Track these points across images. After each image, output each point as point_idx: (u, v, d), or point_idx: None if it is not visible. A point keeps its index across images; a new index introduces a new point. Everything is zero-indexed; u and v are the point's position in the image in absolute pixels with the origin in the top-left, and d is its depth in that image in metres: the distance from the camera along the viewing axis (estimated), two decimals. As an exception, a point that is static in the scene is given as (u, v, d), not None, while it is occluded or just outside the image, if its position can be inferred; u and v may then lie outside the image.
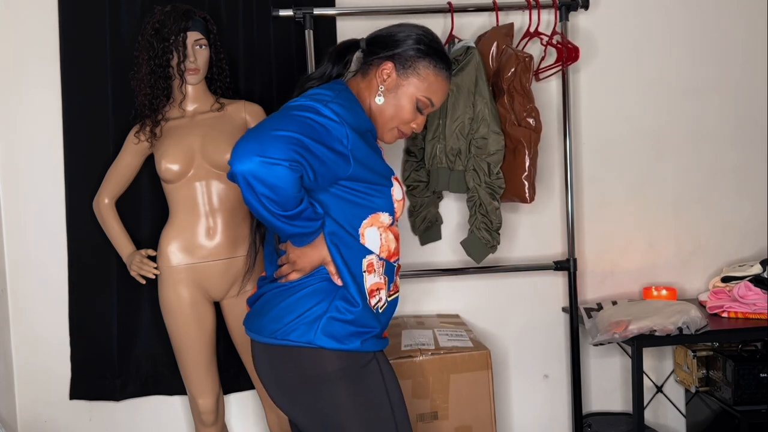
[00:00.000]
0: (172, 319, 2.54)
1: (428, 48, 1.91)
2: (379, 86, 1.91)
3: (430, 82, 1.91)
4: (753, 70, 3.07)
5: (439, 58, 1.92)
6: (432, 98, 1.93)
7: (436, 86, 1.92)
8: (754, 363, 2.78)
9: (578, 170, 3.01)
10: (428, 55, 1.90)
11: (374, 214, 1.89)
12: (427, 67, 1.90)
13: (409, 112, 1.92)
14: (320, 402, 1.85)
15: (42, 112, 2.82)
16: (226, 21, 2.79)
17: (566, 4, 2.82)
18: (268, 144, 1.69)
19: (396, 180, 1.95)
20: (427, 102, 1.92)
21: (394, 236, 1.95)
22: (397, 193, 1.94)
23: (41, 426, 2.90)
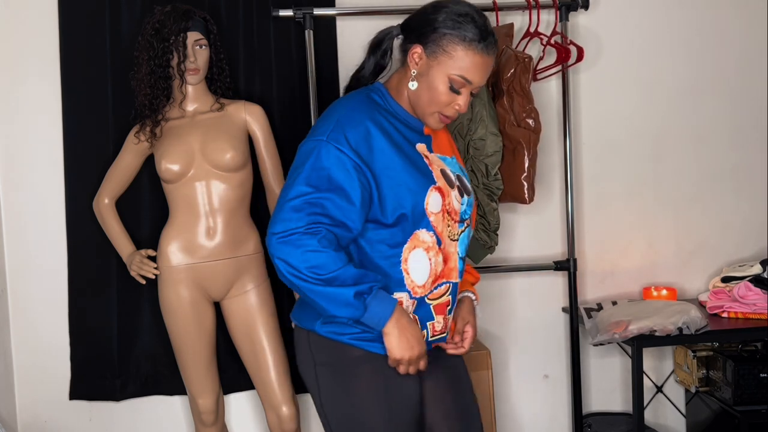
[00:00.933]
0: (172, 319, 2.54)
1: (454, 22, 1.76)
2: (411, 71, 1.82)
3: (459, 57, 1.76)
4: (752, 70, 3.07)
5: (467, 30, 1.76)
6: (465, 75, 1.77)
7: (466, 61, 1.76)
8: (754, 363, 2.78)
9: (578, 170, 3.01)
10: (455, 29, 1.76)
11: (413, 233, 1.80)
12: (456, 43, 1.76)
13: (443, 93, 1.79)
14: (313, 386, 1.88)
15: (42, 112, 2.82)
16: (226, 21, 2.79)
17: (566, 4, 2.82)
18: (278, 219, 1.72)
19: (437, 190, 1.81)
20: (460, 80, 1.78)
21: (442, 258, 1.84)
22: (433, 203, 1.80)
23: (41, 426, 2.90)
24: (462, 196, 1.88)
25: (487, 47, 1.78)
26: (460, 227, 1.88)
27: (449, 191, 1.84)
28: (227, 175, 2.51)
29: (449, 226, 1.84)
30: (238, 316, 2.57)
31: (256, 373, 2.58)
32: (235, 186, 2.53)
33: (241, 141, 2.55)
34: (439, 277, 1.84)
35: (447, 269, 1.86)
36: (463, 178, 1.92)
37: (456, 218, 1.86)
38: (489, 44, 1.78)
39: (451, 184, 1.86)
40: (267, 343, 2.55)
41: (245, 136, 2.58)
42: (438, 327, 1.88)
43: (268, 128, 2.62)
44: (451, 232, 1.85)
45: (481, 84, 1.81)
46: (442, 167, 1.87)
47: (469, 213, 1.91)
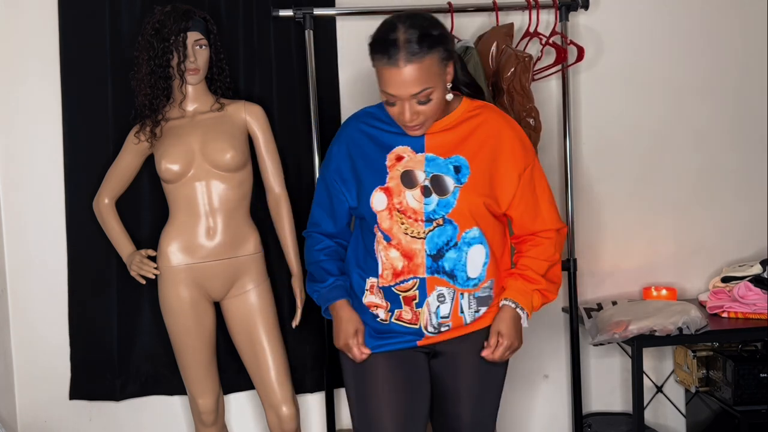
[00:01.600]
0: (172, 319, 2.54)
1: (370, 46, 1.89)
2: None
3: (379, 75, 1.87)
4: (753, 70, 3.07)
5: (375, 49, 1.86)
6: (385, 90, 1.87)
7: (384, 77, 1.86)
8: (754, 363, 2.78)
9: (578, 170, 3.01)
10: (371, 52, 1.88)
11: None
12: (375, 63, 1.88)
13: (388, 107, 1.91)
14: None
15: (42, 112, 2.82)
16: (226, 21, 2.79)
17: (566, 4, 2.82)
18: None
19: (383, 190, 1.96)
20: (385, 94, 1.88)
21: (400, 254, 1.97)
22: (377, 202, 1.97)
23: (41, 426, 2.90)
24: (427, 196, 1.94)
25: (392, 61, 1.82)
26: (427, 226, 1.94)
27: (402, 191, 1.95)
28: (227, 175, 2.51)
29: (403, 224, 1.95)
30: (238, 316, 2.57)
31: (256, 373, 2.58)
32: (235, 186, 2.53)
33: (241, 141, 2.55)
34: (402, 273, 1.97)
35: (412, 266, 1.96)
36: (441, 178, 1.95)
37: (416, 217, 1.94)
38: (394, 58, 1.82)
39: (410, 184, 1.95)
40: (267, 343, 2.55)
41: (245, 136, 2.58)
42: (405, 316, 2.01)
43: (268, 128, 2.62)
44: (410, 230, 1.95)
45: (403, 95, 1.85)
46: (410, 168, 1.96)
47: (441, 213, 1.95)
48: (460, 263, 1.97)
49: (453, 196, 1.95)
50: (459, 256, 1.96)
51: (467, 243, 1.97)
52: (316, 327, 2.84)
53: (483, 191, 1.97)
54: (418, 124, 1.91)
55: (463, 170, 1.96)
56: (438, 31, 1.88)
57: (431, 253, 1.95)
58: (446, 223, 1.95)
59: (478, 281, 2.00)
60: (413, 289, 1.98)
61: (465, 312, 2.01)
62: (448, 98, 1.94)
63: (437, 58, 1.84)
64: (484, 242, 1.99)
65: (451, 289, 1.98)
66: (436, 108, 1.90)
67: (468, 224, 1.96)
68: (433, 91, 1.86)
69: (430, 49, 1.83)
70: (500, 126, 2.01)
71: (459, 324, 2.02)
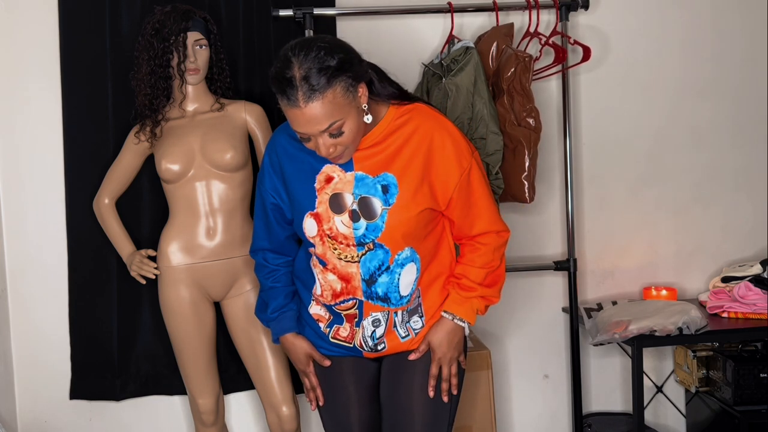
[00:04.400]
0: (172, 319, 2.54)
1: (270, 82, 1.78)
2: None
3: (285, 113, 1.78)
4: (753, 70, 3.07)
5: (274, 88, 1.76)
6: (295, 129, 1.78)
7: (289, 117, 1.77)
8: (754, 363, 2.78)
9: (578, 170, 3.01)
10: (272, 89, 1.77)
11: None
12: (278, 102, 1.77)
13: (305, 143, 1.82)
14: None
15: (42, 113, 2.82)
16: (226, 21, 2.79)
17: (566, 4, 2.82)
18: None
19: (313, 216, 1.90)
20: (297, 133, 1.79)
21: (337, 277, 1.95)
22: (309, 228, 1.93)
23: (41, 426, 2.90)
24: (356, 221, 1.88)
25: (292, 102, 1.72)
26: (359, 250, 1.90)
27: (330, 217, 1.89)
28: (227, 175, 2.52)
29: (336, 249, 1.92)
30: (238, 316, 2.57)
31: (256, 372, 2.58)
32: (235, 186, 2.53)
33: (241, 141, 2.55)
34: (341, 294, 1.97)
35: (350, 287, 1.95)
36: (368, 201, 1.88)
37: (347, 242, 1.90)
38: (294, 98, 1.71)
39: (338, 209, 1.89)
40: (267, 343, 2.55)
41: (245, 136, 2.59)
42: (343, 333, 2.02)
43: (268, 128, 2.62)
44: (343, 254, 1.92)
45: (312, 132, 1.76)
46: (338, 191, 1.89)
47: (371, 237, 1.88)
48: (393, 285, 1.94)
49: (381, 220, 1.87)
50: (391, 279, 1.93)
51: (400, 265, 1.92)
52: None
53: (416, 203, 1.88)
54: (337, 155, 1.82)
55: (391, 190, 1.87)
56: (336, 59, 1.73)
57: (365, 278, 1.93)
58: (377, 248, 1.90)
59: (409, 297, 1.97)
60: (353, 308, 1.97)
61: (398, 327, 2.00)
62: (366, 120, 1.84)
63: (340, 89, 1.73)
64: (416, 259, 1.94)
65: (386, 312, 1.97)
66: (352, 136, 1.80)
67: (399, 246, 1.91)
68: (344, 122, 1.76)
69: (330, 82, 1.71)
70: (431, 131, 1.89)
71: (395, 340, 2.01)
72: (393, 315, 1.98)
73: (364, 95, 1.81)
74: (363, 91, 1.81)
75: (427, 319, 2.01)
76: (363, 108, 1.83)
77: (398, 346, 2.02)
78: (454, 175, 1.90)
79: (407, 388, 2.00)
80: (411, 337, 2.01)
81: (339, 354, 2.06)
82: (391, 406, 2.02)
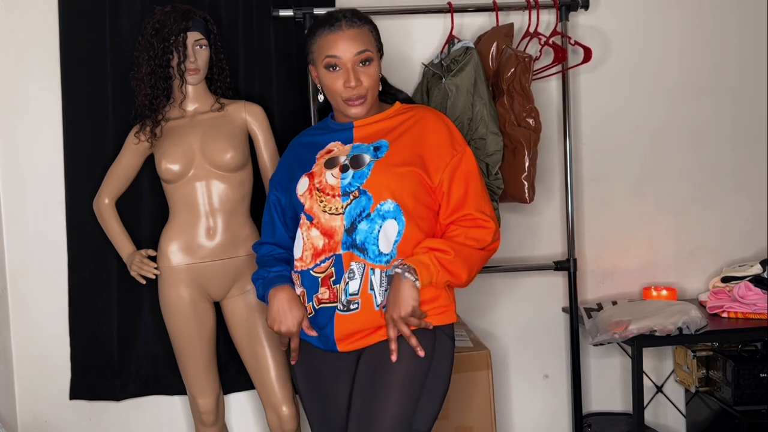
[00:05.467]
0: (172, 319, 2.54)
1: (309, 30, 2.08)
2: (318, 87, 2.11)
3: (322, 44, 2.02)
4: (753, 70, 3.07)
5: (315, 28, 2.05)
6: (330, 53, 2.00)
7: (327, 43, 2.01)
8: (754, 363, 2.78)
9: (578, 170, 3.01)
10: (310, 34, 2.06)
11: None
12: (314, 40, 2.04)
13: (332, 81, 2.02)
14: None
15: (42, 113, 2.82)
16: (226, 21, 2.79)
17: (566, 4, 2.82)
18: None
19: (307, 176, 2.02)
20: (329, 59, 2.00)
21: (320, 232, 1.98)
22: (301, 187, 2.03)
23: (41, 426, 2.90)
24: (344, 172, 1.98)
25: (335, 27, 2.01)
26: (344, 200, 1.96)
27: (323, 172, 2.01)
28: (227, 175, 2.52)
29: (322, 202, 1.98)
30: (238, 316, 2.57)
31: (256, 372, 2.58)
32: (235, 186, 2.53)
33: (241, 141, 2.55)
34: (322, 252, 1.98)
35: (332, 243, 1.96)
36: (359, 156, 2.00)
37: (333, 192, 1.97)
38: (337, 25, 2.01)
39: (330, 165, 2.01)
40: (267, 343, 2.55)
41: (245, 136, 2.59)
42: (323, 297, 1.99)
43: (268, 128, 2.62)
44: (328, 206, 1.98)
45: (346, 55, 1.99)
46: (335, 155, 2.03)
47: (356, 185, 1.96)
48: (371, 236, 1.92)
49: (368, 168, 1.97)
50: (371, 227, 1.92)
51: (381, 216, 1.92)
52: (316, 327, 2.84)
53: (403, 160, 1.97)
54: (359, 95, 2.01)
55: (382, 149, 2.00)
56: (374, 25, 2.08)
57: (347, 227, 1.94)
58: (361, 195, 1.94)
59: (390, 257, 1.92)
60: (330, 267, 1.96)
61: (375, 289, 1.92)
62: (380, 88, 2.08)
63: (372, 35, 2.04)
64: (399, 217, 1.93)
65: (361, 264, 1.92)
66: (373, 81, 2.02)
67: (382, 196, 1.93)
68: (372, 58, 2.02)
69: (367, 23, 2.05)
70: (429, 117, 2.07)
71: (369, 304, 1.92)
72: (369, 271, 1.92)
73: (380, 68, 2.07)
74: (380, 64, 2.07)
75: None
76: (380, 74, 2.07)
77: (372, 319, 1.93)
78: (446, 155, 2.01)
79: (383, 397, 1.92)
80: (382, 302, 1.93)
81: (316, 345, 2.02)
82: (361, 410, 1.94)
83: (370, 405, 1.93)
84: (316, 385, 2.06)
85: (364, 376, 1.97)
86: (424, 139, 2.02)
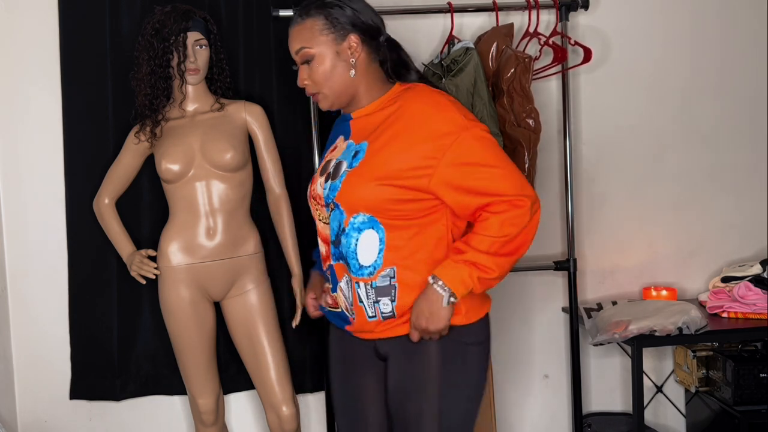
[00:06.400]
0: (172, 319, 2.54)
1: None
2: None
3: None
4: (753, 69, 3.07)
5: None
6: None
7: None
8: (754, 363, 2.78)
9: (578, 170, 3.01)
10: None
11: None
12: None
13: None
14: None
15: (42, 113, 2.82)
16: (226, 21, 2.79)
17: (566, 4, 2.82)
18: None
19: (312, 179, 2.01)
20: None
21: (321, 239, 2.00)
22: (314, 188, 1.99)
23: (41, 426, 2.90)
24: (327, 181, 1.93)
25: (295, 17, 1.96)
26: (327, 211, 1.94)
27: (317, 179, 1.98)
28: (227, 175, 2.52)
29: (318, 210, 1.99)
30: (238, 316, 2.57)
31: (256, 373, 2.58)
32: (235, 186, 2.53)
33: (241, 141, 2.55)
34: (326, 258, 1.99)
35: (327, 251, 1.97)
36: (340, 164, 1.91)
37: (321, 202, 1.96)
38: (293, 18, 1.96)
39: (323, 171, 1.98)
40: (267, 343, 2.55)
41: (245, 136, 2.59)
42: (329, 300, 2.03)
43: (268, 128, 2.62)
44: (321, 215, 1.98)
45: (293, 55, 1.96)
46: (329, 159, 1.98)
47: (332, 197, 1.89)
48: (350, 250, 1.88)
49: (339, 180, 1.88)
50: (348, 242, 1.88)
51: (356, 229, 1.86)
52: (316, 327, 2.83)
53: (377, 174, 1.83)
54: (311, 93, 1.96)
55: (360, 154, 1.88)
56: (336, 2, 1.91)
57: (333, 239, 1.92)
58: (335, 208, 1.89)
59: (373, 269, 1.87)
60: (329, 275, 1.99)
61: (364, 302, 1.89)
62: (351, 75, 1.91)
63: (321, 23, 1.90)
64: (376, 226, 1.85)
65: (348, 277, 1.91)
66: (323, 77, 1.91)
67: (353, 209, 1.86)
68: (315, 55, 1.90)
69: (316, 13, 1.91)
70: (409, 108, 1.87)
71: (362, 315, 1.91)
72: (355, 285, 1.90)
73: (356, 50, 1.90)
74: (354, 46, 1.90)
75: (398, 306, 1.88)
76: (349, 61, 1.91)
77: (367, 325, 1.92)
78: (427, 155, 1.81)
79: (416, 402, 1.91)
80: (378, 319, 1.90)
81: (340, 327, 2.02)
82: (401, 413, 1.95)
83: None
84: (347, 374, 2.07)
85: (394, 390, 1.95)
86: (403, 136, 1.84)
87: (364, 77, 1.93)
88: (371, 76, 1.94)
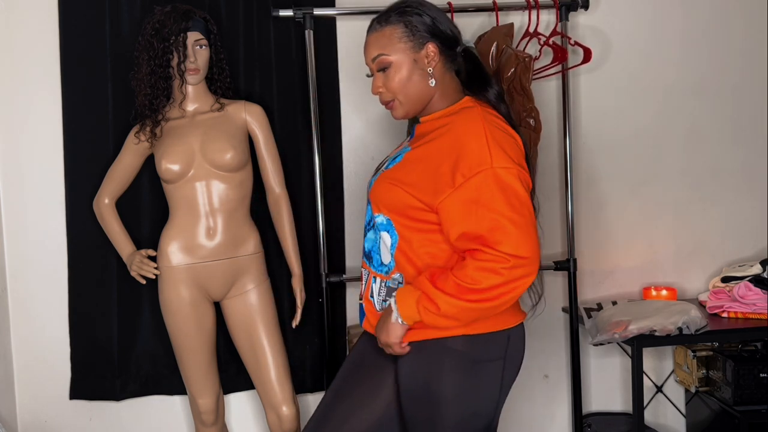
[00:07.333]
0: (172, 319, 2.54)
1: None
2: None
3: None
4: (753, 69, 3.07)
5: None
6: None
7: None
8: (754, 363, 2.78)
9: (578, 170, 3.01)
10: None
11: None
12: None
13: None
14: None
15: (42, 112, 2.82)
16: (226, 21, 2.79)
17: (566, 4, 2.82)
18: None
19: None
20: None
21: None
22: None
23: (41, 426, 2.90)
24: (373, 176, 2.02)
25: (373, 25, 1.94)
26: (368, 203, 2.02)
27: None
28: (227, 175, 2.52)
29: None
30: (238, 316, 2.57)
31: (256, 373, 2.58)
32: (235, 186, 2.53)
33: (241, 141, 2.55)
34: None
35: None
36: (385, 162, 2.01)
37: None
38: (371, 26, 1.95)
39: (379, 167, 2.04)
40: (267, 343, 2.55)
41: (245, 136, 2.59)
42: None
43: (268, 128, 2.62)
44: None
45: (367, 63, 1.94)
46: (389, 155, 2.04)
47: (368, 191, 2.01)
48: (375, 246, 1.96)
49: (374, 177, 1.99)
50: (375, 237, 1.96)
51: (378, 227, 1.94)
52: (316, 327, 2.84)
53: (401, 179, 1.86)
54: (385, 101, 1.95)
55: (399, 157, 1.93)
56: (416, 11, 1.90)
57: (365, 231, 2.03)
58: (368, 204, 2.00)
59: (389, 269, 1.92)
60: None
61: (374, 296, 1.96)
62: (431, 83, 1.90)
63: (401, 30, 1.88)
64: (391, 230, 1.89)
65: (367, 270, 1.99)
66: (400, 85, 1.89)
67: (377, 208, 1.93)
68: (392, 62, 1.88)
69: (396, 19, 1.89)
70: (452, 131, 1.86)
71: (371, 308, 1.96)
72: (372, 279, 1.98)
73: (433, 59, 1.89)
74: (432, 54, 1.89)
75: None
76: (427, 70, 1.90)
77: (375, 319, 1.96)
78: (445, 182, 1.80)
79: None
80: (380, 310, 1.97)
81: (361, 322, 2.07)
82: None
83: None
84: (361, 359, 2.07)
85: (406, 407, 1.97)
86: (435, 155, 1.84)
87: (438, 86, 1.93)
88: (445, 86, 1.94)
